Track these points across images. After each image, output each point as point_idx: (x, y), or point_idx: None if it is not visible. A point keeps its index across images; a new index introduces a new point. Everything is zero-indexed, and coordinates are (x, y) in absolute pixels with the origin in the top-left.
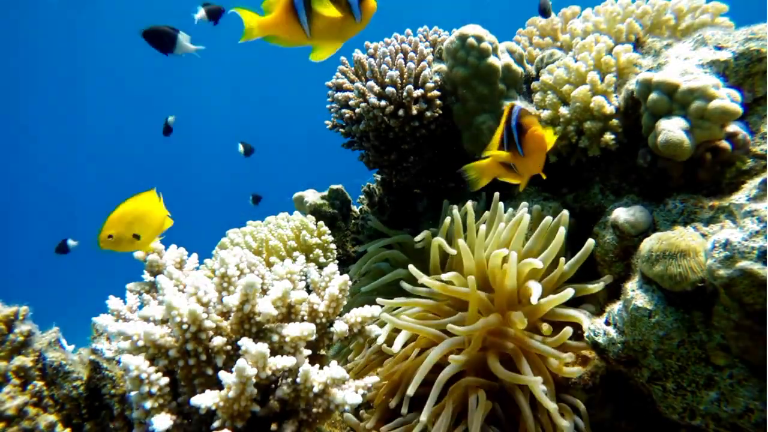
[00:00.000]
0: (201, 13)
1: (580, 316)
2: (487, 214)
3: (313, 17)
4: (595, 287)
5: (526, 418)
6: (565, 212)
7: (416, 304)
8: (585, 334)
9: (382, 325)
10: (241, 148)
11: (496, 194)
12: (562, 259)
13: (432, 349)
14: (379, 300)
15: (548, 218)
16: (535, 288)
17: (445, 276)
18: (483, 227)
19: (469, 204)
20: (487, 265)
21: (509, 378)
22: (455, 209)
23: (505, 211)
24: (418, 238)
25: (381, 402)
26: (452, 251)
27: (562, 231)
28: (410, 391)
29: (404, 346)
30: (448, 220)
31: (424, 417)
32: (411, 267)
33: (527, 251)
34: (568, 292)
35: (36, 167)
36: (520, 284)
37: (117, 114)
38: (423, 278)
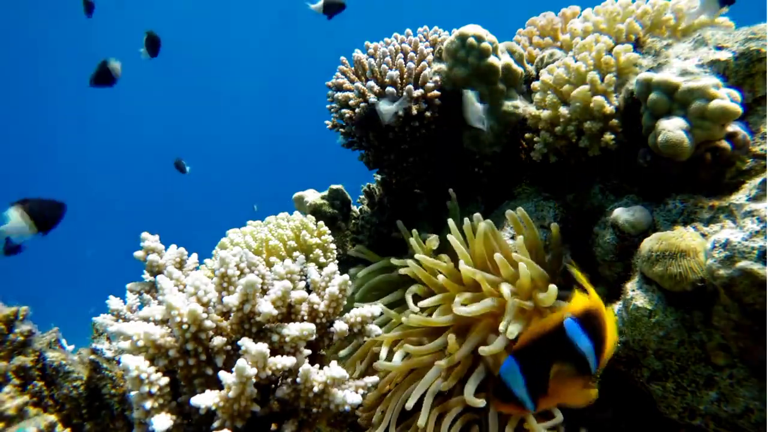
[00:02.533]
0: (318, 4)
1: None
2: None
3: None
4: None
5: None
6: (520, 239)
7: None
8: None
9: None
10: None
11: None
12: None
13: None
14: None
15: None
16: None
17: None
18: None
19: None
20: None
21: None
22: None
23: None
24: (401, 269)
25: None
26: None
27: (522, 267)
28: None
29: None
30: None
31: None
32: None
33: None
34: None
35: (35, 167)
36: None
37: (116, 124)
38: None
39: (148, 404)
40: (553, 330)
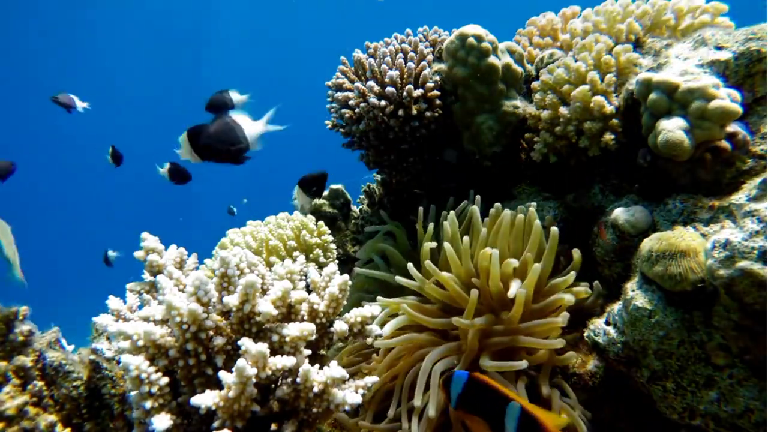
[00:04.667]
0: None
1: (564, 295)
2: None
3: None
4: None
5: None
6: (532, 211)
7: (407, 307)
8: (585, 335)
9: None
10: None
11: (477, 197)
12: (530, 257)
13: (428, 355)
14: (376, 301)
15: (520, 216)
16: (513, 284)
17: (443, 274)
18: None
19: (452, 213)
20: (475, 268)
21: (496, 368)
22: (448, 216)
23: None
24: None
25: (376, 401)
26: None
27: (551, 231)
28: (417, 402)
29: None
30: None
31: (432, 411)
32: (410, 267)
33: (515, 252)
34: (536, 269)
35: (35, 168)
36: (504, 283)
37: (117, 123)
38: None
39: (148, 404)
40: (503, 397)
